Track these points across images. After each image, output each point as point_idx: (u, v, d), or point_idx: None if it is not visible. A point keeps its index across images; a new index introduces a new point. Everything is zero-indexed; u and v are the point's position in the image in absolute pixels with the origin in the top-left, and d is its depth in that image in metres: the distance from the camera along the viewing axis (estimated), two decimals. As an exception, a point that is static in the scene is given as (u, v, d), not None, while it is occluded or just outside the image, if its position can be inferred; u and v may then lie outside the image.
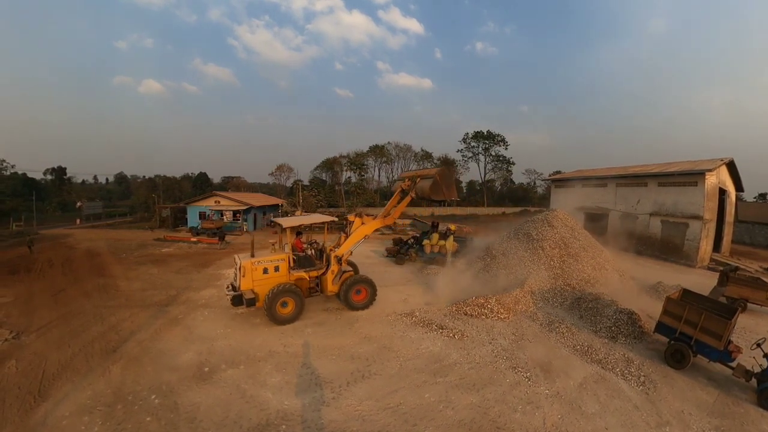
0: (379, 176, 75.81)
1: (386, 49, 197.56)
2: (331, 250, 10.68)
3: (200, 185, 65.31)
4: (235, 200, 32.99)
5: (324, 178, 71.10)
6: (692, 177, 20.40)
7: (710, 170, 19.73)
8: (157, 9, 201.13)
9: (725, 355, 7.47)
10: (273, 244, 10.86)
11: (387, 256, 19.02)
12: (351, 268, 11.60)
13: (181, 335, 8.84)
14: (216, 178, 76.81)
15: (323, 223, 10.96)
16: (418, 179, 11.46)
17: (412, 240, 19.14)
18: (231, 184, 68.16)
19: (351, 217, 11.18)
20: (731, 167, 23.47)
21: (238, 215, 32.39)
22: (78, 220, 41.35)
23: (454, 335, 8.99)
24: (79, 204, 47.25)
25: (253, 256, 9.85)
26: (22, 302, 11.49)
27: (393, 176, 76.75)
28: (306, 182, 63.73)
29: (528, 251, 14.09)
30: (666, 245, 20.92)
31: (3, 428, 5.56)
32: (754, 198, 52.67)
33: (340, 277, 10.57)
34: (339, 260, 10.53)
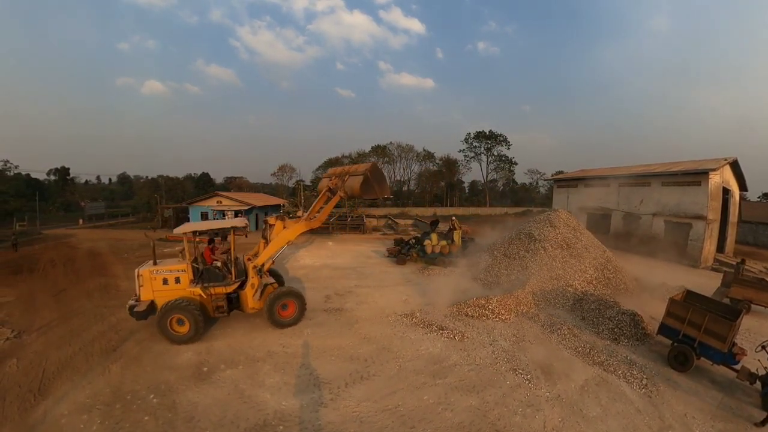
0: (380, 176, 75.77)
1: (388, 49, 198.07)
2: (248, 259, 9.37)
3: (203, 185, 65.58)
4: (237, 200, 33.10)
5: (326, 178, 71.13)
6: (696, 177, 20.22)
7: (714, 170, 19.55)
8: (158, 10, 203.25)
9: (729, 358, 7.38)
10: (180, 252, 9.36)
11: (388, 257, 18.99)
12: (274, 280, 10.14)
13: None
14: (218, 178, 77.25)
15: (229, 228, 9.21)
16: (347, 177, 10.56)
17: (414, 240, 19.10)
18: (233, 184, 68.44)
19: (271, 220, 9.95)
20: (735, 167, 23.26)
21: (240, 215, 32.49)
22: (81, 221, 41.59)
23: (454, 336, 8.94)
24: (82, 204, 47.56)
25: (155, 263, 8.77)
26: (24, 302, 11.55)
27: (395, 176, 76.90)
28: (308, 182, 63.80)
29: (530, 252, 14.01)
30: (669, 246, 20.72)
31: (3, 426, 5.58)
32: (759, 198, 52.13)
33: (262, 292, 9.23)
34: (259, 271, 9.23)
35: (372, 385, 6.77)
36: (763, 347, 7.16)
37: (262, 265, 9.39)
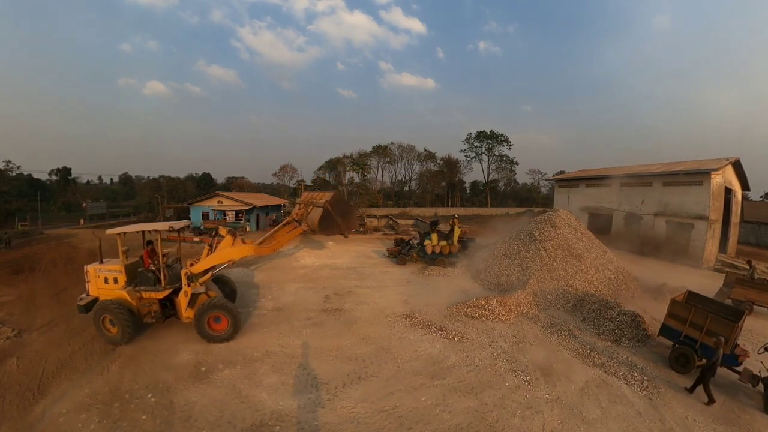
0: (382, 176, 75.90)
1: (388, 49, 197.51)
2: (191, 264, 8.85)
3: (204, 186, 65.80)
4: (238, 200, 33.16)
5: (327, 179, 71.24)
6: (697, 176, 20.09)
7: (716, 170, 19.41)
8: (159, 11, 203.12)
9: (731, 359, 7.31)
10: (125, 252, 8.95)
11: (388, 257, 18.96)
12: (206, 289, 9.15)
13: (179, 335, 8.81)
14: (220, 178, 77.39)
15: (156, 230, 8.92)
16: (311, 207, 9.76)
17: (414, 240, 19.06)
18: (235, 184, 68.50)
19: (222, 231, 9.31)
20: (737, 166, 23.11)
21: (240, 215, 32.57)
22: (82, 220, 41.78)
23: (453, 337, 8.90)
24: (83, 204, 47.77)
25: (101, 262, 8.86)
26: (25, 301, 11.61)
27: (396, 176, 76.88)
28: (309, 182, 63.86)
29: (530, 252, 13.95)
30: (671, 246, 20.59)
31: (2, 424, 5.61)
32: (761, 197, 51.77)
33: (193, 301, 8.68)
34: (191, 279, 8.59)
35: (370, 385, 6.75)
36: (766, 349, 7.10)
37: (196, 274, 8.71)
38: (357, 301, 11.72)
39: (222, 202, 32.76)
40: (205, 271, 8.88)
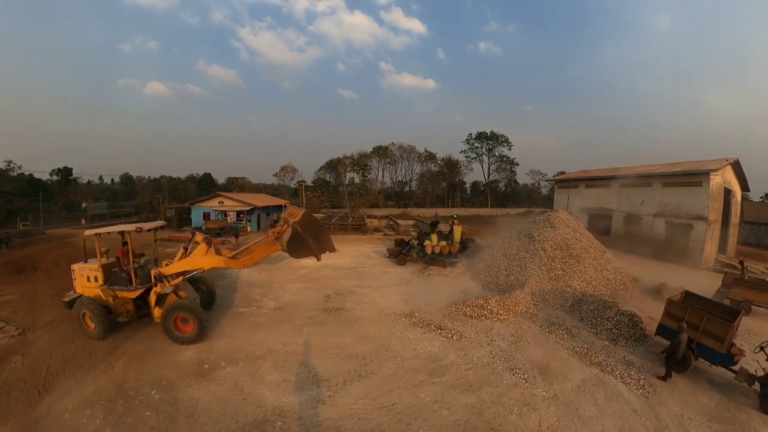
0: (382, 177, 76.04)
1: (389, 50, 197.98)
2: (166, 264, 9.06)
3: (205, 186, 65.96)
4: (239, 201, 33.29)
5: (328, 179, 71.39)
6: (697, 177, 20.15)
7: (715, 170, 19.48)
8: (160, 12, 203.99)
9: (727, 359, 7.38)
10: (105, 252, 9.24)
11: (388, 257, 19.06)
12: (178, 290, 9.08)
13: (182, 333, 8.94)
14: (221, 178, 77.56)
15: (123, 231, 9.07)
16: (285, 226, 9.20)
17: (414, 240, 19.15)
18: (235, 184, 68.63)
19: (198, 238, 9.25)
20: (737, 167, 23.17)
21: (241, 215, 32.67)
22: (83, 220, 41.93)
23: (452, 336, 8.99)
24: (84, 204, 47.92)
25: (85, 261, 9.19)
26: (28, 300, 11.73)
27: (397, 177, 76.99)
28: (310, 183, 64.02)
29: (529, 252, 14.04)
30: (670, 246, 20.66)
31: (8, 420, 5.70)
32: (761, 198, 51.72)
33: (160, 301, 8.76)
34: (159, 279, 8.68)
35: (370, 383, 6.85)
36: (762, 348, 7.16)
37: (165, 275, 8.78)
38: (357, 301, 11.83)
39: (223, 203, 32.89)
40: (178, 274, 8.95)
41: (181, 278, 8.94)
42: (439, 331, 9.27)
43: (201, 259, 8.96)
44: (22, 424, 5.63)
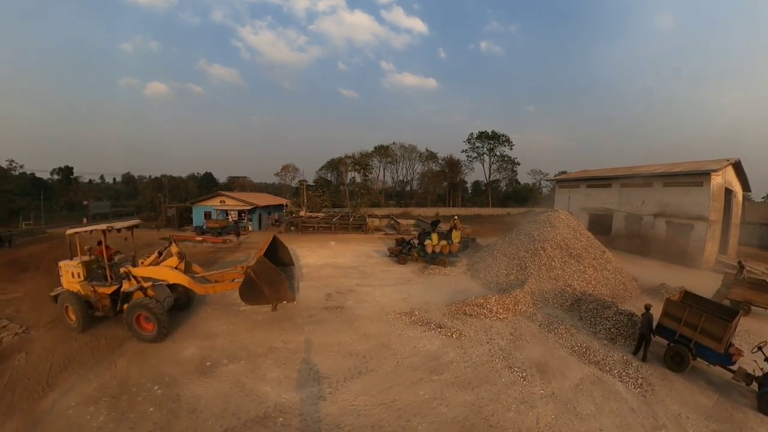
0: (384, 177, 76.12)
1: (390, 49, 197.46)
2: (141, 262, 9.46)
3: (206, 185, 66.06)
4: (240, 200, 33.35)
5: (329, 179, 71.49)
6: (697, 177, 20.16)
7: (716, 170, 19.48)
8: (160, 11, 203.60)
9: (725, 358, 7.41)
10: (88, 250, 9.77)
11: (389, 256, 19.13)
12: (145, 289, 9.00)
13: (184, 331, 9.04)
14: (222, 178, 77.62)
15: (101, 230, 9.43)
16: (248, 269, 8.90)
17: (415, 240, 19.21)
18: (237, 184, 68.80)
19: (174, 249, 9.39)
20: (738, 167, 23.14)
21: (243, 215, 32.76)
22: (84, 220, 42.06)
23: (452, 334, 9.06)
24: (85, 203, 48.11)
25: (71, 258, 9.60)
26: (32, 298, 11.82)
27: (398, 177, 77.03)
28: (311, 182, 64.11)
29: (529, 252, 14.09)
30: (670, 246, 20.68)
31: (12, 416, 5.78)
32: (763, 198, 51.60)
33: (126, 299, 8.83)
34: (125, 277, 8.98)
35: (370, 380, 6.92)
36: (760, 348, 7.18)
37: (133, 274, 9.03)
38: (358, 299, 11.90)
39: (224, 202, 32.96)
40: (145, 278, 9.14)
41: (150, 283, 9.06)
42: (439, 329, 9.34)
43: (168, 271, 9.17)
44: (27, 419, 5.71)
